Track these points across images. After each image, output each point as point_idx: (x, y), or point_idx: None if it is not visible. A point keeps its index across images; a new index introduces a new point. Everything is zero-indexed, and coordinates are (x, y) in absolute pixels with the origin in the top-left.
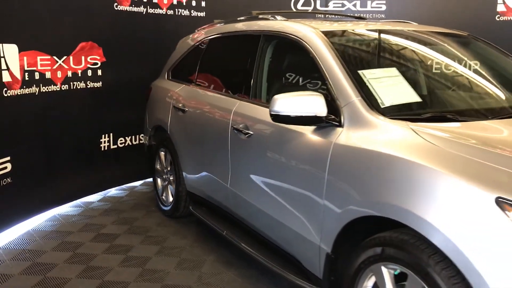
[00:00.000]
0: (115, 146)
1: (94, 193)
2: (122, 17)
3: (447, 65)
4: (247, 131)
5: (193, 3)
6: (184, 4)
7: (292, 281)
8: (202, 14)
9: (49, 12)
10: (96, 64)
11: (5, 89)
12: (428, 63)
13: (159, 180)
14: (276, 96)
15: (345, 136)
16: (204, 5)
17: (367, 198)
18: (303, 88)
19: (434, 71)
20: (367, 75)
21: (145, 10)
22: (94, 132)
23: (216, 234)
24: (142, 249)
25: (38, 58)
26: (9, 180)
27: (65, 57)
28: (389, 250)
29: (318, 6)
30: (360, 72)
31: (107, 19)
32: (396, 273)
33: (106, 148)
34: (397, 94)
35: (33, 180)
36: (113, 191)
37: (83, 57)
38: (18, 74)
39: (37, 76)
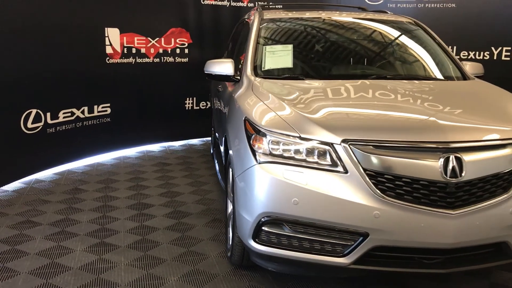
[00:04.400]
0: (198, 108)
1: (178, 140)
2: (208, 9)
3: (347, 45)
4: (220, 89)
5: None
6: None
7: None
8: (280, 6)
9: (145, 4)
10: (184, 44)
11: (108, 58)
12: (329, 43)
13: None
14: (208, 61)
15: (236, 88)
16: None
17: (226, 124)
18: None
19: (328, 49)
20: (268, 49)
21: (228, 3)
22: (179, 95)
23: None
24: (177, 173)
25: (135, 38)
26: (108, 119)
27: (157, 38)
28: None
29: None
30: (264, 47)
31: (195, 10)
32: None
33: (189, 108)
34: (278, 63)
35: (127, 123)
36: (194, 141)
37: (172, 39)
38: (118, 49)
39: (133, 51)
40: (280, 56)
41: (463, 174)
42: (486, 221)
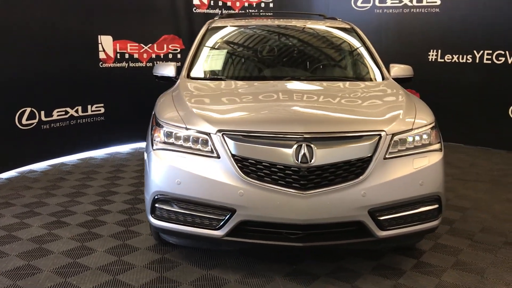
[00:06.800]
0: None
1: None
2: (200, 17)
3: (276, 49)
4: None
5: (262, 5)
6: (254, 6)
7: None
8: (270, 14)
9: (138, 13)
10: (176, 50)
11: (101, 62)
12: (261, 48)
13: None
14: (156, 64)
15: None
16: (271, 6)
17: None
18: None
19: (259, 53)
20: (206, 53)
21: (220, 11)
22: None
23: None
24: None
25: (128, 44)
26: (102, 118)
27: (150, 44)
28: None
29: (376, 3)
30: (203, 51)
31: (187, 19)
32: None
33: None
34: (210, 66)
35: (121, 122)
36: None
37: (165, 45)
38: (111, 54)
39: (126, 56)
40: (214, 60)
41: (313, 161)
42: (338, 202)
